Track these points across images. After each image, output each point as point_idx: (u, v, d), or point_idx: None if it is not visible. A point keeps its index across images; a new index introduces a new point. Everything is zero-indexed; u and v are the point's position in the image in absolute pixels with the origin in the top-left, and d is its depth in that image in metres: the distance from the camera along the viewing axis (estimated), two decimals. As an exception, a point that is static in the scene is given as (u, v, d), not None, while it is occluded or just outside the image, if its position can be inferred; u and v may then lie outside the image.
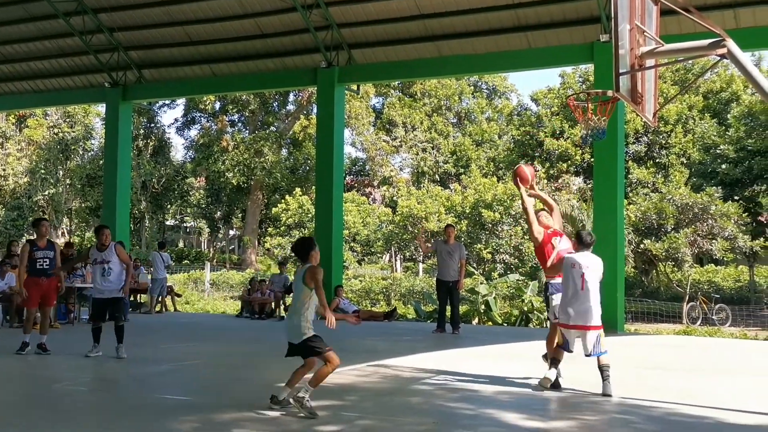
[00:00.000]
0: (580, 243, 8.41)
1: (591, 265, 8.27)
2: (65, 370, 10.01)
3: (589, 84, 30.31)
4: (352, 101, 39.35)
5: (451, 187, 37.73)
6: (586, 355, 8.17)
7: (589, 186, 27.37)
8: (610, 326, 15.62)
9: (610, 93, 8.65)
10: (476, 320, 20.96)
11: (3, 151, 44.37)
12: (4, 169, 44.18)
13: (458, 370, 9.65)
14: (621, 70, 7.79)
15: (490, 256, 28.38)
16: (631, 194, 29.75)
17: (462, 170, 41.64)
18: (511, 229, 28.67)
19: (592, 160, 19.68)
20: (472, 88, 47.45)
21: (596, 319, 8.11)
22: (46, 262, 11.15)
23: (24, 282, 11.19)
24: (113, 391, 8.86)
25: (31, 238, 11.60)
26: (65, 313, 16.56)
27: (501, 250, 28.56)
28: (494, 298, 21.76)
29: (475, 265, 26.97)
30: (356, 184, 45.58)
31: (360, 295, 27.22)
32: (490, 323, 20.72)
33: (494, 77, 46.47)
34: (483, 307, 21.09)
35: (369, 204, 38.06)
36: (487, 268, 27.79)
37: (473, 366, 10.20)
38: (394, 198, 39.05)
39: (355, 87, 22.55)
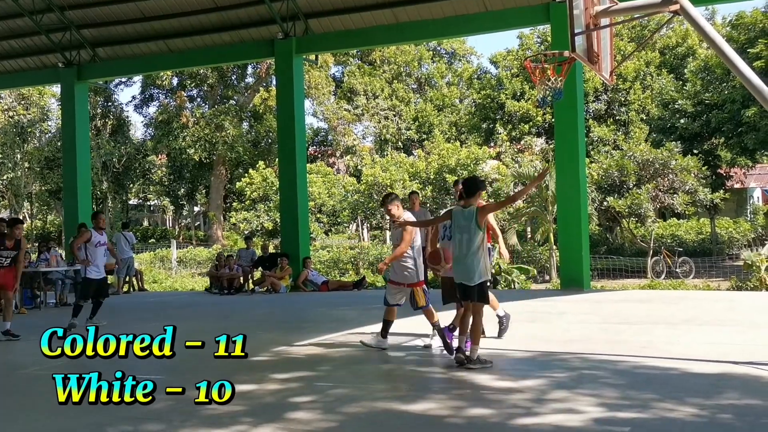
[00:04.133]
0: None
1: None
2: (32, 355, 9.92)
3: (547, 45, 30.38)
4: (312, 71, 39.02)
5: (415, 154, 37.73)
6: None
7: (551, 146, 27.55)
8: (576, 284, 15.91)
9: (566, 53, 8.68)
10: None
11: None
12: (-41, 155, 43.27)
13: (428, 335, 9.74)
14: (576, 30, 7.84)
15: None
16: (592, 152, 30.02)
17: (425, 136, 41.65)
18: (476, 192, 28.73)
19: (553, 120, 19.79)
20: (432, 53, 47.30)
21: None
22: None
23: None
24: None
25: None
26: (31, 297, 16.38)
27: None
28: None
29: (441, 231, 27.04)
30: (319, 155, 45.40)
31: (328, 265, 27.25)
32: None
33: (453, 41, 46.35)
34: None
35: (333, 174, 37.95)
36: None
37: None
38: (359, 167, 38.98)
39: (313, 57, 22.40)
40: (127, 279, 20.17)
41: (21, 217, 43.01)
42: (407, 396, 6.74)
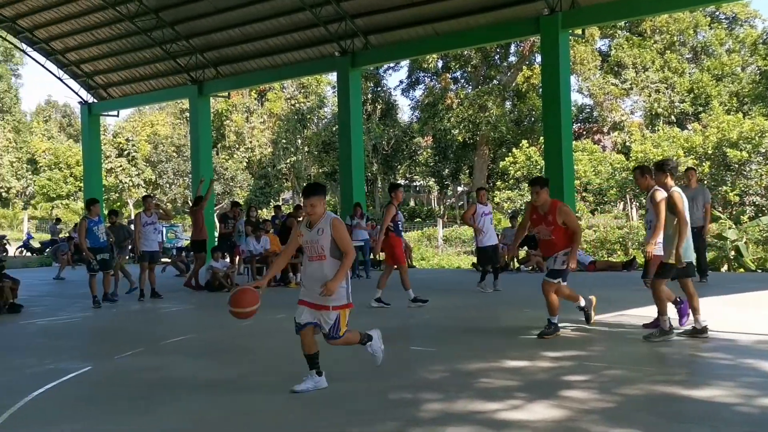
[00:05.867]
0: None
1: None
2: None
3: None
4: (576, 46, 37.99)
5: (690, 128, 35.42)
6: None
7: None
8: None
9: None
10: (725, 267, 19.69)
11: (249, 124, 47.98)
12: (251, 142, 47.79)
13: (709, 319, 9.15)
14: None
15: (737, 198, 26.43)
16: None
17: (701, 109, 38.91)
18: (761, 168, 26.45)
19: None
20: (709, 19, 43.93)
21: None
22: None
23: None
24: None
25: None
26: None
27: (750, 191, 26.47)
28: (745, 243, 20.29)
29: (720, 209, 25.25)
30: (585, 132, 44.16)
31: (595, 245, 26.48)
32: (741, 270, 19.37)
33: (734, 5, 42.68)
34: (733, 253, 19.75)
35: (600, 152, 36.74)
36: (734, 212, 25.92)
37: (726, 315, 9.64)
38: (627, 143, 37.40)
39: (579, 31, 21.74)
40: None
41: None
42: (688, 381, 6.39)
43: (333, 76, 39.16)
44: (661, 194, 8.18)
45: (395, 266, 12.01)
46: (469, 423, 5.29)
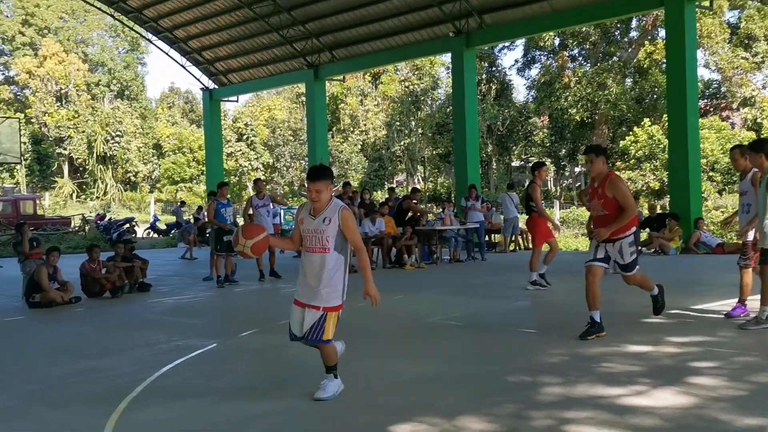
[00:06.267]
0: None
1: None
2: (433, 306, 10.73)
3: None
4: (703, 19, 36.23)
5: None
6: None
7: None
8: None
9: None
10: None
11: (363, 107, 48.44)
12: (365, 124, 48.25)
13: None
14: None
15: None
16: None
17: (840, 82, 36.45)
18: None
19: None
20: None
21: None
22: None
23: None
24: (480, 325, 9.29)
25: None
26: (428, 253, 17.71)
27: None
28: None
29: None
30: (711, 109, 42.17)
31: (723, 227, 25.31)
32: None
33: None
34: None
35: (728, 129, 35.01)
36: None
37: None
38: (758, 120, 35.47)
39: (707, 3, 20.71)
40: (513, 238, 20.89)
41: (416, 180, 46.71)
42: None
43: (447, 57, 38.89)
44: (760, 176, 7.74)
45: (542, 246, 11.89)
46: (591, 407, 5.15)
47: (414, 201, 17.97)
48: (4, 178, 50.10)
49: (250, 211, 14.89)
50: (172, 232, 30.77)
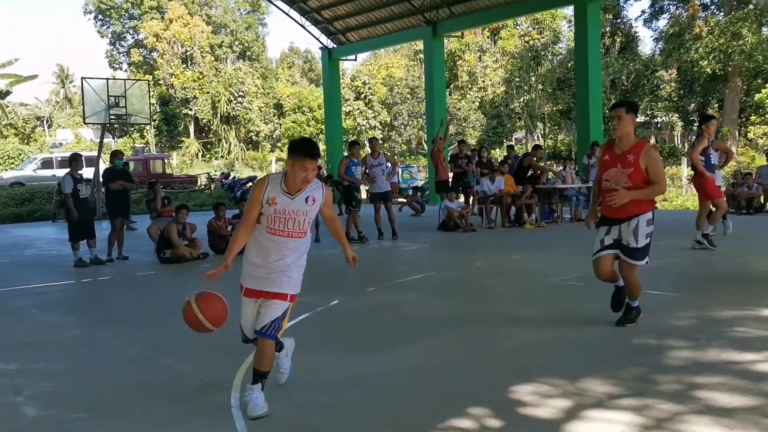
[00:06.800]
0: None
1: None
2: (560, 266, 10.55)
3: None
4: None
5: None
6: None
7: None
8: None
9: None
10: None
11: (481, 64, 47.76)
12: (483, 81, 47.62)
13: None
14: None
15: None
16: None
17: None
18: None
19: None
20: None
21: None
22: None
23: None
24: (602, 285, 9.05)
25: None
26: (549, 212, 17.39)
27: None
28: None
29: None
30: None
31: None
32: None
33: None
34: None
35: None
36: None
37: None
38: None
39: None
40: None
41: (535, 137, 45.88)
42: None
43: (569, 10, 37.71)
44: None
45: (710, 202, 11.20)
46: (722, 373, 4.95)
47: (535, 158, 17.62)
48: (135, 138, 52.50)
49: (365, 171, 14.94)
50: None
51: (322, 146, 47.41)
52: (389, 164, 15.48)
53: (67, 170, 12.37)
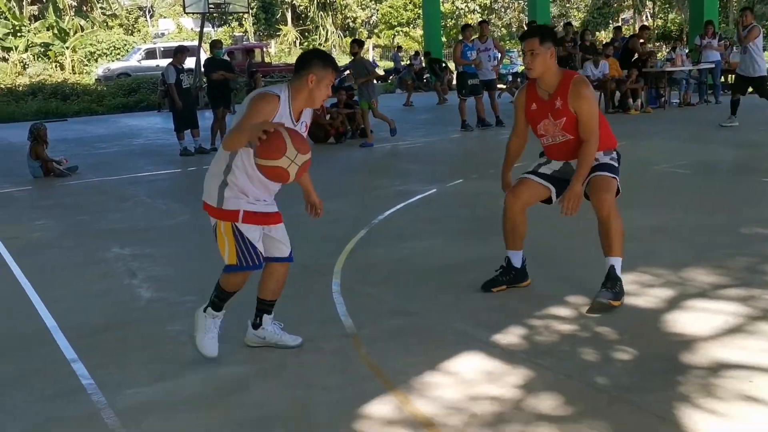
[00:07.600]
0: None
1: None
2: (665, 153, 10.19)
3: None
4: None
5: None
6: None
7: None
8: None
9: None
10: None
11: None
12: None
13: None
14: None
15: None
16: None
17: None
18: None
19: None
20: None
21: None
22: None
23: None
24: (711, 173, 8.72)
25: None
26: (655, 97, 16.69)
27: None
28: None
29: None
30: None
31: None
32: None
33: None
34: None
35: None
36: None
37: None
38: None
39: None
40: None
41: (643, 18, 43.61)
42: None
43: None
44: None
45: None
46: (837, 265, 4.74)
47: (641, 41, 16.76)
48: (234, 27, 52.74)
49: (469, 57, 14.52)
50: (390, 77, 31.19)
51: (419, 32, 46.53)
52: (497, 52, 15.04)
53: (170, 60, 12.60)
